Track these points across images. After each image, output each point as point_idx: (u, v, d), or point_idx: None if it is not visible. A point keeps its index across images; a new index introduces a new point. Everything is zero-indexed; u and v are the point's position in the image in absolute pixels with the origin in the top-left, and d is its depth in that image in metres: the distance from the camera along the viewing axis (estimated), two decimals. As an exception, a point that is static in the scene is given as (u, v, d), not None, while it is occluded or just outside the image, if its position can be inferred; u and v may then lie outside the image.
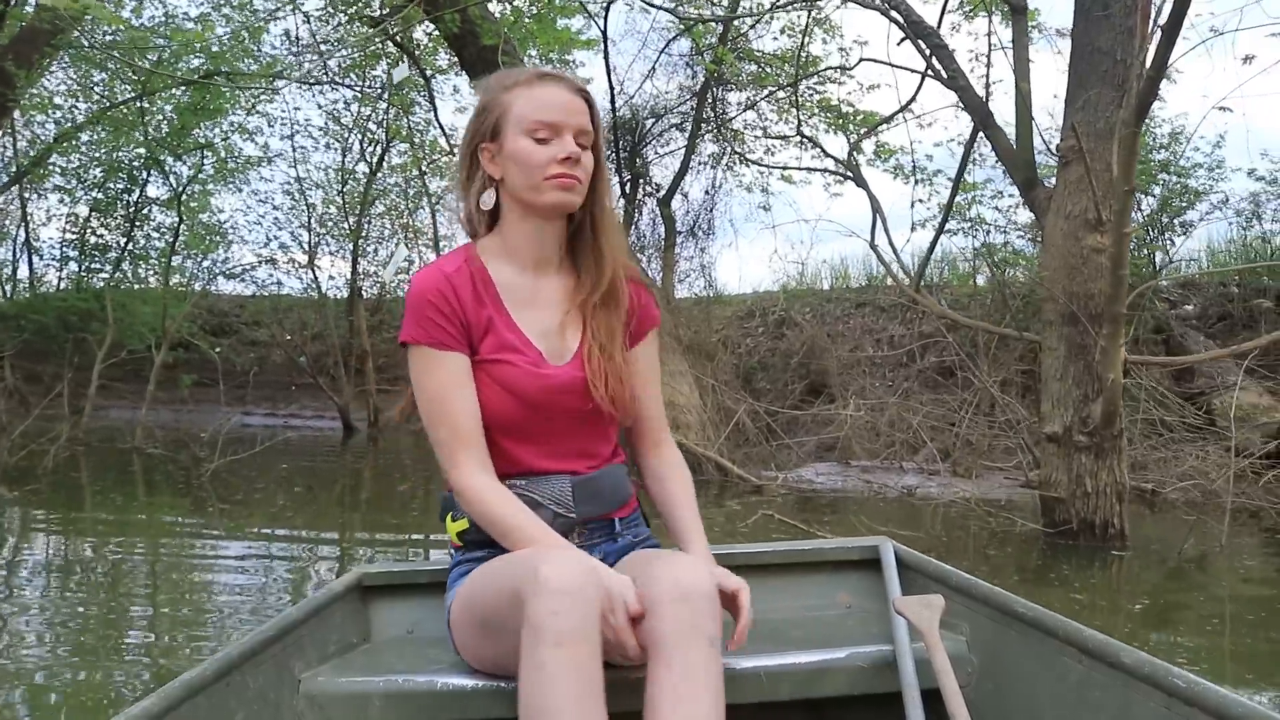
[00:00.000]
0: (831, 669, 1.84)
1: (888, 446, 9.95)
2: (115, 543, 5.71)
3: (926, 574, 2.16)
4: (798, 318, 14.00)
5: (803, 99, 10.62)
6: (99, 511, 6.91)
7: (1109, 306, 5.11)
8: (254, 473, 9.05)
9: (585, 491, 1.84)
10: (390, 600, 2.24)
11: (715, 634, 1.55)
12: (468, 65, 10.17)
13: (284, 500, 7.78)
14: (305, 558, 5.46)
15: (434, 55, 13.58)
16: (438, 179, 17.17)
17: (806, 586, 2.31)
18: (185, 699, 1.54)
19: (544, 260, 1.91)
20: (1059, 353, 5.74)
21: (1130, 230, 4.89)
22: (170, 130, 15.76)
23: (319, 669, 1.92)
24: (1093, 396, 5.54)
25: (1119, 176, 4.76)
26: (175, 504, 7.37)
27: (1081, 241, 5.68)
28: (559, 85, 1.83)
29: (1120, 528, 5.60)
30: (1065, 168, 5.82)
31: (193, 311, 16.07)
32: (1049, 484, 5.78)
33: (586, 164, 1.82)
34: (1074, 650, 1.69)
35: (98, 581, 4.74)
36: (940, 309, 7.94)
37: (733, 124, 11.66)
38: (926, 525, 6.72)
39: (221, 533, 6.16)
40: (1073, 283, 5.68)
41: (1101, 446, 5.53)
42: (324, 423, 16.22)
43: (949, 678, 1.70)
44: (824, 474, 9.66)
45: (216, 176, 17.42)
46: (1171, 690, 1.47)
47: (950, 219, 9.62)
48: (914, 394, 10.28)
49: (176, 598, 4.55)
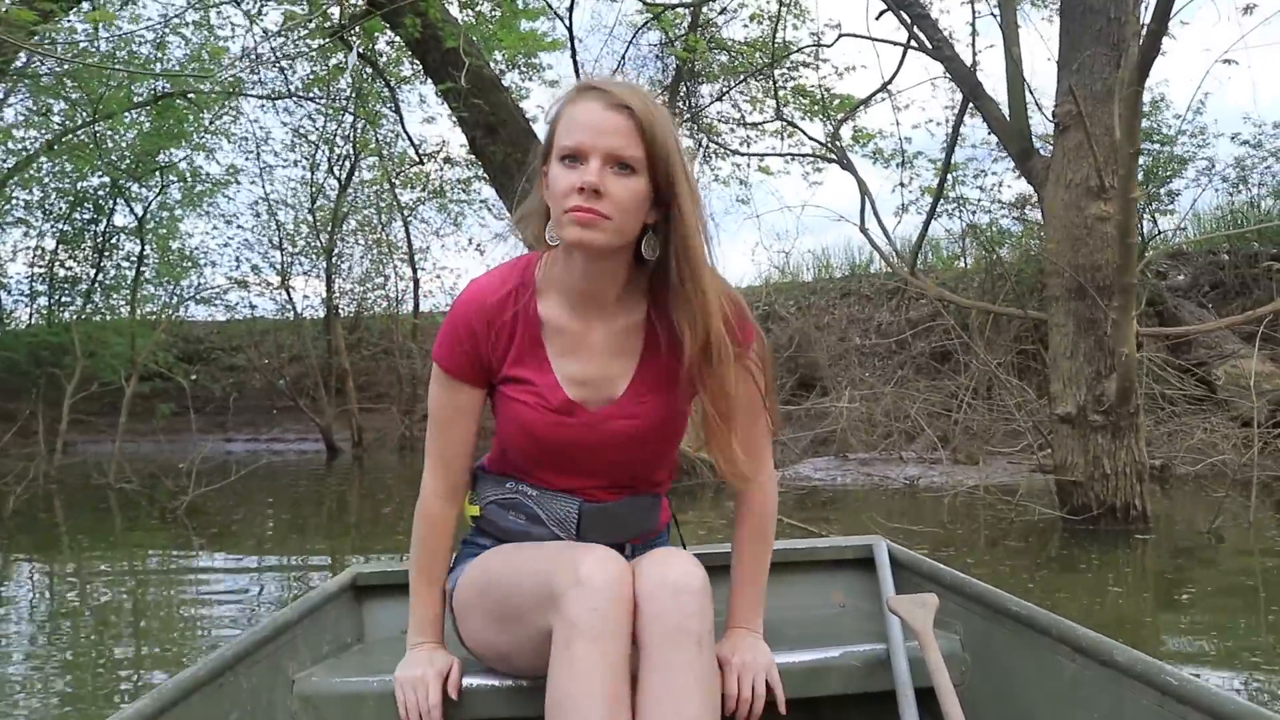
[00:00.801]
0: (826, 668, 1.84)
1: (885, 437, 9.72)
2: (88, 582, 5.39)
3: (920, 573, 2.16)
4: (782, 311, 13.81)
5: (779, 84, 10.31)
6: (67, 553, 6.58)
7: (1119, 276, 4.87)
8: (232, 501, 8.74)
9: (594, 520, 1.74)
10: (384, 600, 2.23)
11: (703, 632, 1.51)
12: (432, 71, 9.91)
13: (265, 527, 7.46)
14: (290, 588, 5.15)
15: (398, 65, 13.27)
16: (409, 190, 16.91)
17: (800, 586, 2.30)
18: (179, 699, 1.54)
19: (592, 298, 1.68)
20: (1067, 329, 5.49)
21: (1136, 195, 4.64)
22: (133, 156, 15.40)
23: (313, 669, 1.91)
24: (1106, 373, 5.30)
25: (1123, 138, 4.52)
26: (150, 539, 7.03)
27: (1085, 211, 5.42)
28: (593, 100, 1.54)
29: (1142, 509, 5.35)
30: (1063, 134, 5.56)
31: (166, 340, 15.82)
32: (1064, 467, 5.52)
33: (619, 195, 1.51)
34: (1067, 648, 1.69)
35: (65, 627, 4.42)
36: (938, 291, 7.64)
37: (707, 115, 11.34)
38: (935, 517, 6.47)
39: (203, 564, 5.85)
40: (1078, 255, 5.43)
41: (1118, 425, 5.28)
42: (308, 445, 16.03)
43: (943, 676, 1.69)
44: (822, 469, 9.42)
45: (184, 201, 17.07)
46: (1164, 688, 1.46)
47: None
48: (909, 382, 10.04)
49: (160, 635, 4.24)
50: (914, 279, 7.40)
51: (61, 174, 16.45)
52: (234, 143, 16.38)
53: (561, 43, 14.81)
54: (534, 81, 14.22)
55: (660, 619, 1.49)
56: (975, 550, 5.22)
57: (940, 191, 7.52)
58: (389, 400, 16.52)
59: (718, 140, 11.40)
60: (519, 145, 9.63)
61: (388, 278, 18.52)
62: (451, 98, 9.30)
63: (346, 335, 17.18)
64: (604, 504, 1.74)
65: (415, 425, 15.86)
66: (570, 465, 1.71)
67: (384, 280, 18.47)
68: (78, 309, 17.35)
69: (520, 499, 1.75)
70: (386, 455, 15.11)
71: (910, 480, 8.45)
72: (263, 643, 1.81)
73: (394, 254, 18.26)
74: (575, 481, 1.73)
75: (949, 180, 9.66)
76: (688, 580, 1.52)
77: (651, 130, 1.52)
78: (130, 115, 14.20)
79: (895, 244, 7.83)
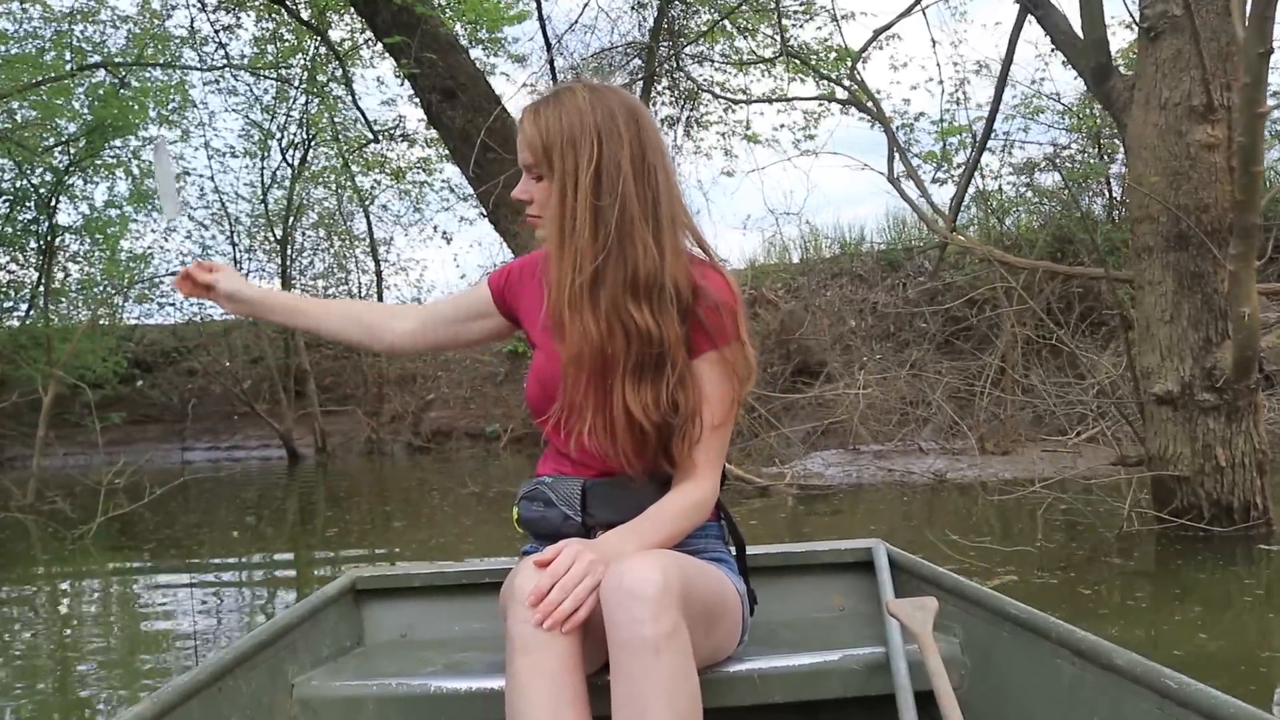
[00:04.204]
0: (825, 671, 1.83)
1: (901, 426, 8.71)
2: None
3: (919, 576, 2.14)
4: (769, 294, 12.90)
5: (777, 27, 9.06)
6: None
7: (1239, 216, 3.85)
8: (158, 518, 7.64)
9: (597, 496, 1.77)
10: (383, 604, 2.26)
11: (660, 639, 1.45)
12: (381, 33, 8.88)
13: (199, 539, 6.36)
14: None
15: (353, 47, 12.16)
16: (366, 174, 15.78)
17: (799, 589, 2.30)
18: (178, 704, 1.55)
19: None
20: (1164, 287, 4.45)
21: (1265, 109, 3.61)
22: (79, 152, 14.28)
23: (312, 673, 1.93)
24: (1218, 340, 4.26)
25: (1250, 34, 3.49)
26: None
27: (1186, 137, 4.38)
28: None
29: (1264, 508, 4.33)
30: (1155, 43, 4.51)
31: (117, 344, 14.92)
32: (1163, 459, 4.49)
33: (538, 195, 1.76)
34: (1066, 651, 1.67)
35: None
36: (987, 249, 6.37)
37: (690, 71, 10.15)
38: (989, 521, 5.46)
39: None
40: (1178, 193, 4.40)
41: (1235, 405, 4.27)
42: (271, 451, 14.98)
43: (942, 680, 1.68)
44: (834, 464, 8.40)
45: (132, 199, 15.88)
46: (1164, 691, 1.45)
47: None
48: (927, 363, 9.00)
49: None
50: (955, 237, 6.30)
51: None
52: (178, 128, 15.14)
53: (527, 13, 13.82)
54: (499, 57, 13.27)
55: (616, 626, 1.47)
56: (1073, 569, 4.19)
57: (989, 130, 6.37)
58: (354, 402, 15.44)
59: (707, 88, 10.15)
60: (481, 111, 8.56)
61: (349, 271, 17.40)
62: (402, 55, 8.25)
63: (308, 334, 16.08)
64: (604, 480, 1.78)
65: (382, 428, 14.84)
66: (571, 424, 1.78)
67: (344, 275, 17.35)
68: (22, 314, 16.17)
69: (538, 488, 1.81)
70: (352, 460, 14.12)
71: (938, 474, 7.46)
72: (262, 646, 1.82)
73: (355, 246, 17.14)
74: (578, 460, 1.79)
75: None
76: (641, 586, 1.47)
77: (534, 137, 1.72)
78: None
79: (930, 196, 6.69)
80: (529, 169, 1.73)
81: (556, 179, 1.68)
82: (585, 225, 1.65)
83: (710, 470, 1.75)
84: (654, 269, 1.65)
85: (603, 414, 1.71)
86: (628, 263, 1.65)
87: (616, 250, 1.65)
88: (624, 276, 1.65)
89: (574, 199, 1.67)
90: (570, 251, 1.67)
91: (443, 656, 1.97)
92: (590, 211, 1.65)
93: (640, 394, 1.68)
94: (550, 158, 1.69)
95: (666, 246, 1.67)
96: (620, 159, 1.67)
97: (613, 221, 1.64)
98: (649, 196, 1.67)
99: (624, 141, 1.67)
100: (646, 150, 1.69)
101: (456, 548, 6.00)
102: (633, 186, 1.66)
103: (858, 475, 7.88)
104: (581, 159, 1.67)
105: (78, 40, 13.47)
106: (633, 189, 1.66)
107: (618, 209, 1.65)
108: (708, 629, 1.64)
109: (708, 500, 1.76)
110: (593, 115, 1.68)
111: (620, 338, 1.66)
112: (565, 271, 1.68)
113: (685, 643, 1.48)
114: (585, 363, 1.68)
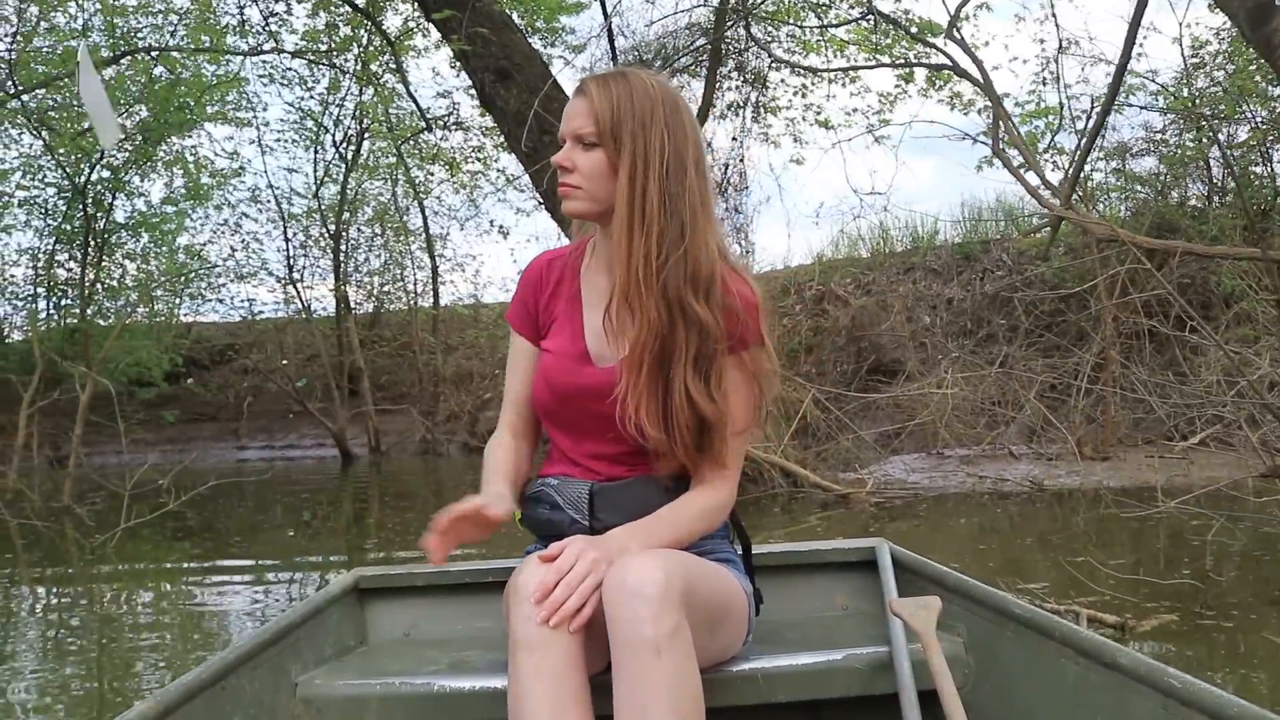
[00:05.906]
0: (828, 671, 1.83)
1: (990, 428, 8.08)
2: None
3: (923, 575, 2.12)
4: (838, 290, 12.33)
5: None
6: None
7: None
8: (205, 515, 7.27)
9: (604, 500, 1.78)
10: (387, 603, 2.25)
11: (661, 639, 1.44)
12: (431, 10, 8.42)
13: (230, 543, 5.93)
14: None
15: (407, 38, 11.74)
16: (421, 167, 15.38)
17: (803, 588, 2.28)
18: (182, 703, 1.55)
19: (614, 262, 1.78)
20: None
21: None
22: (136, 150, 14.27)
23: (315, 672, 1.93)
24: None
25: None
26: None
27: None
28: (573, 95, 1.76)
29: None
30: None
31: (175, 344, 14.94)
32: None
33: (584, 166, 1.71)
34: (1070, 651, 1.66)
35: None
36: (1108, 228, 5.60)
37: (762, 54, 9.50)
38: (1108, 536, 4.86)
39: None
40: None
41: None
42: (325, 451, 14.75)
43: (946, 679, 1.69)
44: (917, 469, 7.82)
45: (190, 195, 15.68)
46: (1168, 691, 1.43)
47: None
48: (1016, 361, 8.34)
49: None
50: (1071, 214, 5.62)
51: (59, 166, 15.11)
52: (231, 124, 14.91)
53: (585, 3, 13.32)
54: (555, 47, 12.83)
55: (617, 626, 1.46)
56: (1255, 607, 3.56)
57: (1115, 91, 5.62)
58: (409, 401, 15.07)
59: (785, 60, 9.46)
60: (537, 92, 8.05)
61: (405, 267, 17.05)
62: (453, 32, 7.78)
63: (364, 331, 15.75)
64: (610, 484, 1.78)
65: (437, 428, 14.44)
66: (580, 422, 1.80)
67: (400, 271, 17.02)
68: (78, 313, 16.04)
69: (544, 490, 1.80)
70: (407, 460, 13.79)
71: (1034, 481, 6.83)
72: (265, 645, 1.81)
73: (411, 241, 16.78)
74: (588, 447, 1.80)
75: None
76: (643, 585, 1.46)
77: (605, 109, 1.68)
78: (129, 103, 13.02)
79: (1041, 169, 5.98)
80: (581, 138, 1.70)
81: (626, 157, 1.67)
82: (657, 211, 1.65)
83: (733, 475, 1.78)
84: (711, 264, 1.67)
85: (659, 401, 1.69)
86: (688, 256, 1.65)
87: (681, 241, 1.65)
88: (686, 269, 1.65)
89: (646, 181, 1.66)
90: (641, 235, 1.66)
91: (446, 655, 1.98)
92: (662, 197, 1.65)
93: (700, 385, 1.66)
94: (619, 134, 1.68)
95: (714, 244, 1.69)
96: (684, 151, 1.68)
97: (685, 212, 1.65)
98: (704, 192, 1.70)
99: (687, 134, 1.69)
100: (700, 147, 1.72)
101: (512, 550, 5.55)
102: (694, 180, 1.68)
103: (944, 481, 7.30)
104: (654, 142, 1.67)
105: (128, 30, 13.31)
106: (695, 183, 1.68)
107: (686, 200, 1.66)
108: (713, 629, 1.63)
109: (727, 505, 1.78)
110: (662, 104, 1.69)
111: (681, 328, 1.66)
112: (636, 254, 1.66)
113: (687, 643, 1.47)
114: (648, 349, 1.68)
